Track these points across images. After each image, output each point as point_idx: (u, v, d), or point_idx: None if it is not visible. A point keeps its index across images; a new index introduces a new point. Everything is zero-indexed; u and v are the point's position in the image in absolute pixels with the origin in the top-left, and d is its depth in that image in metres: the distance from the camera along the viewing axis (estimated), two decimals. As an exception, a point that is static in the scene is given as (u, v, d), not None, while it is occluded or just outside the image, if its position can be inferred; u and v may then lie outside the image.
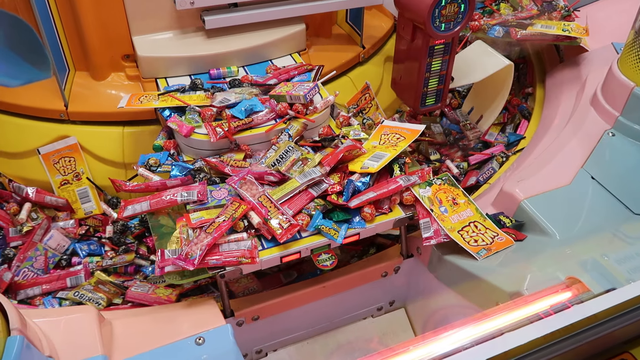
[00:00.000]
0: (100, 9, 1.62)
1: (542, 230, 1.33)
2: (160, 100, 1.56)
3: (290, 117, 1.52)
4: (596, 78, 1.75)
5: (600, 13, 2.15)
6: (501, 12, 2.10)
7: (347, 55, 1.97)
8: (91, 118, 1.72)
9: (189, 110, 1.52)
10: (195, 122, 1.48)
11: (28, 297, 1.51)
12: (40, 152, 1.68)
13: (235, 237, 1.24)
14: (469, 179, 1.90)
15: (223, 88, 1.62)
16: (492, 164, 1.90)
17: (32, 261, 1.56)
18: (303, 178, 1.32)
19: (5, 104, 1.70)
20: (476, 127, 2.09)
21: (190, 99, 1.55)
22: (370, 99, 1.90)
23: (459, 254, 1.32)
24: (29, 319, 1.00)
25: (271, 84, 1.62)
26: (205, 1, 1.63)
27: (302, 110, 1.53)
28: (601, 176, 1.44)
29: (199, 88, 1.59)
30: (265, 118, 1.51)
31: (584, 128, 1.61)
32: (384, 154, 1.41)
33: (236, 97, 1.54)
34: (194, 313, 1.25)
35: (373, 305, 1.59)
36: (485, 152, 1.98)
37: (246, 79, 1.66)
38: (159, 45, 1.68)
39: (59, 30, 1.66)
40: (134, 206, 1.34)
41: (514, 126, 2.10)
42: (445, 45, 1.69)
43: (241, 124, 1.47)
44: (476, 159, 1.96)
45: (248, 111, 1.50)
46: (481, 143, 2.07)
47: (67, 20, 1.66)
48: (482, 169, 1.92)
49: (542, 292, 1.06)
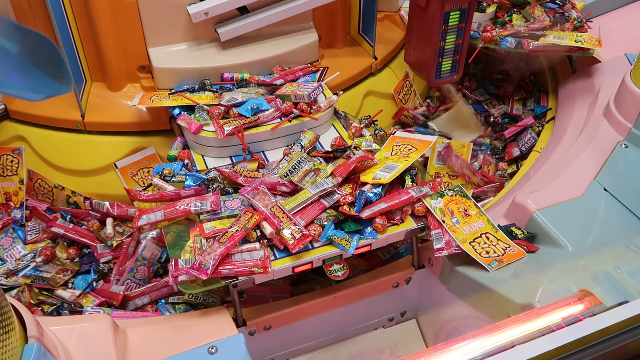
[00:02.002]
0: (117, 21, 1.65)
1: (554, 242, 1.33)
2: (171, 99, 1.62)
3: (295, 116, 1.57)
4: (609, 89, 1.75)
5: (613, 24, 2.16)
6: (513, 24, 2.11)
7: (360, 66, 1.99)
8: (107, 128, 1.75)
9: (198, 108, 1.59)
10: (204, 120, 1.56)
11: (137, 307, 1.53)
12: (118, 166, 1.73)
13: (248, 247, 1.25)
14: (512, 150, 2.04)
15: (230, 88, 1.68)
16: (529, 133, 2.04)
17: (133, 272, 1.58)
18: (315, 189, 1.33)
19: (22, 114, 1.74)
20: (499, 104, 2.25)
21: (199, 98, 1.61)
22: (410, 85, 2.09)
23: (470, 265, 1.32)
24: (46, 327, 1.02)
25: (277, 84, 1.68)
26: (218, 9, 1.65)
27: (306, 109, 1.58)
28: (614, 188, 1.44)
29: (207, 88, 1.65)
30: (271, 116, 1.57)
31: (596, 139, 1.60)
32: (395, 165, 1.42)
33: (243, 97, 1.61)
34: (207, 322, 1.26)
35: (384, 316, 1.59)
36: (519, 124, 2.10)
37: (253, 80, 1.71)
38: (174, 57, 1.71)
39: (77, 42, 1.70)
40: (148, 215, 1.35)
41: (534, 100, 2.24)
42: (461, 12, 1.62)
43: (247, 122, 1.53)
44: (511, 132, 2.09)
45: (254, 110, 1.56)
46: (507, 118, 2.20)
47: (85, 33, 1.69)
48: (521, 140, 2.06)
49: (554, 304, 1.06)
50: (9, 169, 1.74)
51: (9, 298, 0.89)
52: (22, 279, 1.54)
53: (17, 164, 1.73)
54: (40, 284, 1.53)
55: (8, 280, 1.54)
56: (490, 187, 1.88)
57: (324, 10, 1.90)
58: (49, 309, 1.49)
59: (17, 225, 1.70)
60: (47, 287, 1.53)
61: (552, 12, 2.12)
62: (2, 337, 0.80)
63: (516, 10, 2.16)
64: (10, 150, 1.73)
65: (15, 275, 1.55)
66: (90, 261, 1.63)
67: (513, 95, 2.27)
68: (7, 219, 1.68)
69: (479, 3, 2.12)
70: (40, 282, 1.53)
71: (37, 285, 1.52)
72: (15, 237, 1.68)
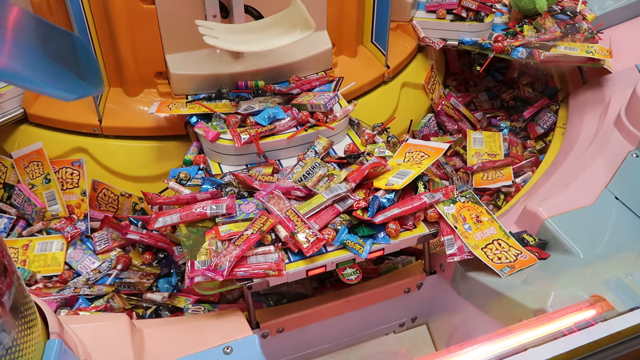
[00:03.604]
0: (135, 28, 1.69)
1: (566, 249, 1.34)
2: (188, 107, 1.64)
3: (311, 125, 1.59)
4: (620, 100, 1.76)
5: (623, 35, 2.18)
6: (524, 34, 2.13)
7: (372, 74, 2.01)
8: (123, 133, 1.78)
9: (215, 117, 1.60)
10: (221, 129, 1.57)
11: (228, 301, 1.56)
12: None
13: (263, 249, 1.27)
14: (535, 128, 2.20)
15: (247, 97, 1.70)
16: (547, 113, 2.21)
17: None
18: (329, 193, 1.35)
19: (41, 117, 1.78)
20: (507, 90, 2.43)
21: (216, 106, 1.63)
22: (435, 76, 2.24)
23: (482, 271, 1.33)
24: (66, 325, 1.04)
25: (293, 93, 1.70)
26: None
27: (322, 119, 1.60)
28: (625, 196, 1.45)
29: (224, 97, 1.67)
30: (287, 125, 1.59)
31: (607, 149, 1.62)
32: (408, 171, 1.43)
33: (260, 106, 1.63)
34: (222, 323, 1.28)
35: (395, 321, 1.60)
36: (536, 105, 2.26)
37: (269, 89, 1.73)
38: (191, 63, 1.74)
39: (96, 49, 1.73)
40: (164, 218, 1.38)
41: (541, 83, 2.41)
42: None
43: (264, 131, 1.54)
44: (530, 112, 2.25)
45: (271, 119, 1.58)
46: (519, 101, 2.37)
47: (104, 39, 1.73)
48: (540, 120, 2.23)
49: (566, 309, 1.07)
50: (69, 181, 1.77)
51: (32, 295, 0.91)
52: (106, 287, 1.57)
53: (78, 176, 1.76)
54: (126, 290, 1.56)
55: (92, 290, 1.57)
56: (527, 163, 2.02)
57: (337, 19, 1.93)
58: (142, 312, 1.52)
59: (83, 236, 1.73)
60: (135, 292, 1.55)
61: (563, 24, 2.14)
62: (25, 332, 0.82)
63: (527, 21, 2.18)
64: (69, 163, 1.76)
65: (96, 285, 1.59)
66: (169, 264, 1.65)
67: (520, 80, 2.42)
68: (75, 231, 1.70)
69: (477, 12, 2.16)
70: (126, 289, 1.56)
71: (124, 291, 1.56)
72: (85, 248, 1.71)
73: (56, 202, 1.75)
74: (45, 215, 1.74)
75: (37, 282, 1.61)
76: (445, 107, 2.21)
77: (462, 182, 1.96)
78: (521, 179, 1.96)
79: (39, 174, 1.75)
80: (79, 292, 1.55)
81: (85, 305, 1.52)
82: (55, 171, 1.76)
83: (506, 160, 2.01)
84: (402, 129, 2.10)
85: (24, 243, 1.68)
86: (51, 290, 1.57)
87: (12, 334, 0.75)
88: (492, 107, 2.40)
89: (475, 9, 2.16)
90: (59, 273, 1.64)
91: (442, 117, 2.21)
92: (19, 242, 1.69)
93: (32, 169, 1.75)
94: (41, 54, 0.67)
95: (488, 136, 2.14)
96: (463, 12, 2.17)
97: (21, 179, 1.76)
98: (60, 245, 1.68)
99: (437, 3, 2.22)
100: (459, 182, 1.96)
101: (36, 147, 1.76)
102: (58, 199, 1.75)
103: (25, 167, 1.76)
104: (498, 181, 1.93)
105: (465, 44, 2.17)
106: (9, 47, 0.65)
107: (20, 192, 1.74)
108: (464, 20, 2.18)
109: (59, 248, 1.68)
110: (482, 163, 1.99)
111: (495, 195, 1.94)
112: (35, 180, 1.75)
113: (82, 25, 1.63)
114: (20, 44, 0.66)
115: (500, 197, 1.92)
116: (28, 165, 1.75)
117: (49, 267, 1.65)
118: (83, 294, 1.54)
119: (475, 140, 2.11)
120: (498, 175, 1.96)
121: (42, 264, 1.65)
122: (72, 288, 1.57)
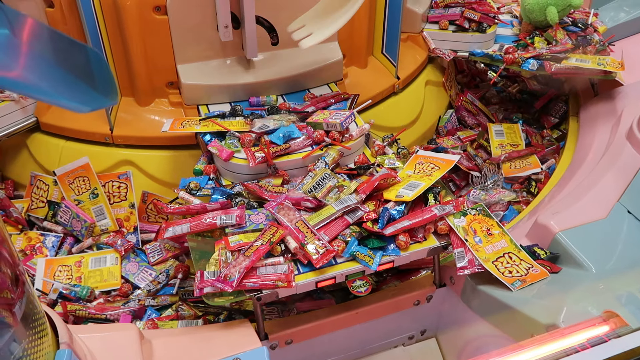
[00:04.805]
0: (148, 38, 1.70)
1: (578, 263, 1.33)
2: (202, 125, 1.62)
3: (326, 144, 1.56)
4: (632, 112, 1.75)
5: (635, 47, 2.16)
6: (535, 46, 2.12)
7: (382, 85, 2.02)
8: (134, 142, 1.79)
9: (229, 135, 1.58)
10: (235, 147, 1.54)
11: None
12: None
13: (272, 260, 1.27)
14: (549, 118, 2.30)
15: (262, 115, 1.68)
16: (558, 103, 2.31)
17: None
18: (339, 205, 1.35)
19: (53, 126, 1.80)
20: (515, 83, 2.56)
21: (230, 124, 1.61)
22: (451, 75, 2.38)
23: (493, 284, 1.32)
24: (75, 335, 1.04)
25: (309, 111, 1.67)
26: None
27: (338, 138, 1.56)
28: (638, 210, 1.43)
29: (238, 114, 1.66)
30: (303, 144, 1.56)
31: (619, 162, 1.60)
32: (418, 183, 1.43)
33: (274, 124, 1.59)
34: (231, 334, 1.27)
35: (405, 334, 1.59)
36: (545, 96, 2.38)
37: (284, 107, 1.71)
38: (202, 74, 1.75)
39: (108, 58, 1.75)
40: (174, 228, 1.38)
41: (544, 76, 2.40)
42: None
43: (279, 150, 1.52)
44: (541, 103, 2.38)
45: (286, 137, 1.55)
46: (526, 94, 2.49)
47: (116, 48, 1.74)
48: (552, 110, 2.32)
49: (579, 325, 1.05)
50: (117, 195, 1.77)
51: (43, 305, 0.92)
52: (170, 297, 1.59)
53: (126, 189, 1.77)
54: (192, 297, 1.57)
55: (157, 301, 1.59)
56: (550, 150, 2.12)
57: (348, 30, 1.94)
58: (214, 318, 1.53)
59: (136, 249, 1.74)
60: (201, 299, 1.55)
61: (574, 35, 2.13)
62: (36, 342, 0.82)
63: (538, 33, 2.18)
64: (115, 176, 1.76)
65: (160, 296, 1.61)
66: None
67: (523, 74, 2.47)
68: (128, 244, 1.70)
69: (480, 23, 2.16)
70: (191, 296, 1.57)
71: (191, 299, 1.57)
72: (139, 260, 1.71)
73: (105, 216, 1.75)
74: (94, 231, 1.74)
75: (96, 297, 1.61)
76: (464, 102, 2.33)
77: (492, 173, 2.03)
78: (546, 166, 2.05)
79: (85, 189, 1.74)
80: (144, 303, 1.57)
81: (155, 315, 1.54)
82: (102, 185, 1.75)
83: (530, 149, 2.10)
84: (413, 139, 2.10)
85: (76, 260, 1.68)
86: (115, 304, 1.58)
87: (22, 344, 0.75)
88: (501, 100, 2.49)
89: (477, 20, 2.17)
90: (117, 287, 1.64)
91: (462, 112, 2.33)
92: (70, 260, 1.68)
93: (77, 184, 1.74)
94: (56, 66, 0.67)
95: (507, 128, 2.21)
96: (465, 23, 2.18)
97: (66, 196, 1.75)
98: (114, 260, 1.69)
99: (440, 14, 2.23)
100: (489, 173, 2.02)
101: (82, 162, 1.74)
102: (107, 213, 1.75)
103: (70, 184, 1.75)
104: (527, 169, 2.03)
105: (476, 55, 2.17)
106: (25, 58, 0.66)
107: (67, 209, 1.73)
108: (467, 31, 2.19)
109: (113, 262, 1.68)
110: (508, 153, 2.07)
111: (527, 183, 2.01)
112: (82, 195, 1.75)
113: (95, 35, 1.64)
114: (35, 55, 0.67)
115: (532, 184, 1.99)
116: (73, 182, 1.74)
117: (107, 282, 1.65)
118: (149, 305, 1.56)
119: (497, 133, 2.19)
120: (525, 164, 2.05)
121: (99, 279, 1.65)
122: (136, 300, 1.59)
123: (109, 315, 1.50)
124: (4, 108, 1.76)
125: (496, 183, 1.96)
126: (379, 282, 1.67)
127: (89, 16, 1.60)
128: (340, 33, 1.88)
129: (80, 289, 1.58)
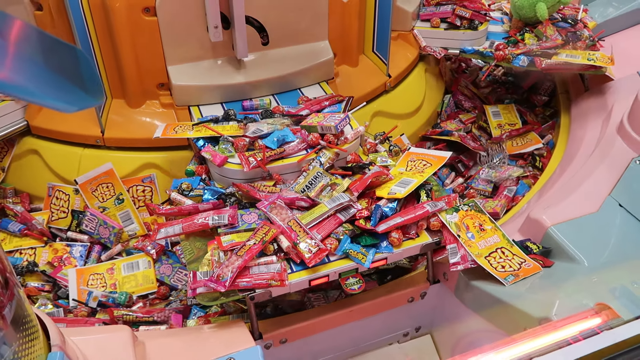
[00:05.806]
0: (138, 40, 1.70)
1: (570, 257, 1.34)
2: (195, 130, 1.60)
3: (321, 147, 1.55)
4: (622, 107, 1.76)
5: (625, 43, 2.17)
6: (526, 42, 2.13)
7: (374, 84, 2.02)
8: (125, 144, 1.78)
9: (222, 140, 1.56)
10: (229, 152, 1.52)
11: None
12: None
13: (265, 260, 1.27)
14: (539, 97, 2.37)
15: (255, 119, 1.66)
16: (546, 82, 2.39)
17: None
18: (332, 203, 1.35)
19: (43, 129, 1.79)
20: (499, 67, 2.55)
21: (224, 129, 1.59)
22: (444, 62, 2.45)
23: (486, 279, 1.32)
24: (67, 337, 1.04)
25: (303, 114, 1.66)
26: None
27: (334, 141, 1.55)
28: (629, 204, 1.44)
29: (232, 119, 1.64)
30: (297, 148, 1.54)
31: (611, 156, 1.61)
32: (410, 180, 1.43)
33: (268, 128, 1.57)
34: (224, 334, 1.27)
35: (399, 331, 1.59)
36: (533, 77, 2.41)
37: (278, 110, 1.70)
38: (193, 74, 1.74)
39: (98, 61, 1.74)
40: (166, 229, 1.38)
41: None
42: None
43: (273, 154, 1.50)
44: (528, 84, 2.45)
45: (280, 141, 1.53)
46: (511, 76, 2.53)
47: (106, 50, 1.74)
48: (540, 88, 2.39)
49: (571, 317, 1.06)
50: (142, 199, 1.75)
51: (34, 308, 0.91)
52: None
53: (151, 192, 1.75)
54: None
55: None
56: (546, 127, 2.19)
57: (339, 29, 1.94)
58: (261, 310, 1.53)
59: (167, 251, 1.73)
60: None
61: (564, 31, 2.14)
62: (27, 345, 0.82)
63: (528, 29, 2.19)
64: (139, 180, 1.74)
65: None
66: None
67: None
68: (159, 247, 1.69)
69: (471, 21, 2.17)
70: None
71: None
72: (172, 262, 1.70)
73: (132, 221, 1.74)
74: (122, 236, 1.72)
75: (134, 302, 1.60)
76: (460, 87, 2.41)
77: (496, 152, 2.09)
78: (545, 141, 2.13)
79: (110, 196, 1.72)
80: (187, 303, 1.56)
81: (202, 313, 1.53)
82: (126, 190, 1.74)
83: (527, 127, 2.19)
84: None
85: (107, 267, 1.67)
86: (156, 306, 1.57)
87: (13, 347, 0.75)
88: (489, 84, 2.52)
89: (469, 17, 2.18)
90: (154, 290, 1.63)
91: (459, 97, 2.39)
92: (102, 267, 1.67)
93: (101, 191, 1.72)
94: (43, 67, 0.67)
95: (503, 108, 2.28)
96: (457, 21, 2.19)
97: (89, 204, 1.72)
98: (146, 264, 1.67)
99: (431, 12, 2.24)
100: (494, 152, 2.09)
101: (105, 168, 1.72)
102: (134, 217, 1.74)
103: (93, 191, 1.72)
104: (529, 145, 2.11)
105: (467, 52, 2.17)
106: (11, 60, 0.66)
107: (92, 217, 1.70)
108: (458, 29, 2.19)
109: (146, 266, 1.67)
110: (508, 132, 2.14)
111: (531, 159, 2.09)
112: (107, 202, 1.72)
113: (84, 37, 1.64)
114: (22, 57, 0.66)
115: (536, 159, 2.07)
116: (96, 189, 1.72)
117: (142, 286, 1.64)
118: (192, 304, 1.55)
119: (494, 114, 2.26)
120: (526, 141, 2.14)
121: (134, 284, 1.64)
122: (178, 301, 1.58)
123: (156, 317, 1.50)
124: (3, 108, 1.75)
125: (502, 160, 2.04)
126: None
127: (78, 19, 1.60)
128: (330, 32, 1.88)
129: (118, 295, 1.57)
